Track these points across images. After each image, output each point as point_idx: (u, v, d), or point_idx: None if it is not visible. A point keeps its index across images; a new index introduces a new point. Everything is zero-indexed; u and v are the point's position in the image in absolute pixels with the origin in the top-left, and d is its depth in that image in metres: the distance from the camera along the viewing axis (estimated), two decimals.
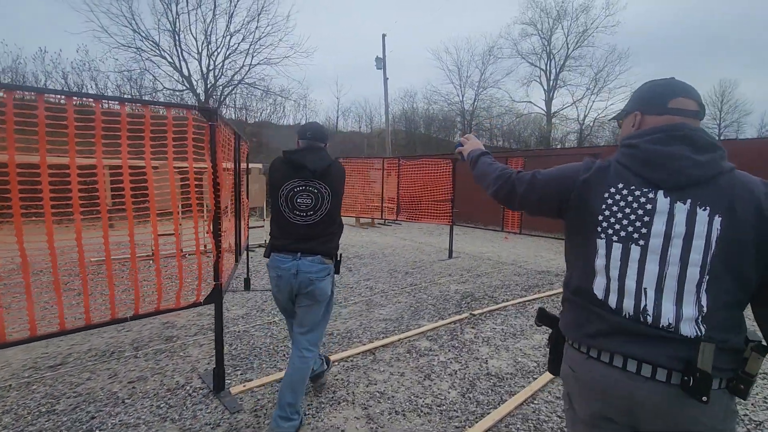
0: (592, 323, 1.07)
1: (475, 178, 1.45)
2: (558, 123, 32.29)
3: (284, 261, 2.22)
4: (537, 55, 29.59)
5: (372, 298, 4.86)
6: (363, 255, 7.55)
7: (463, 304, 4.69)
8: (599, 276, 1.07)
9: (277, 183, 2.26)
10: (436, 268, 6.62)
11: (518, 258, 7.64)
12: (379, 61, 23.19)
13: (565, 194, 1.14)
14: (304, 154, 2.24)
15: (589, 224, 1.09)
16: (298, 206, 2.23)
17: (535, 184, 1.22)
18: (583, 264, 1.12)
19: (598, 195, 1.08)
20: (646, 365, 0.98)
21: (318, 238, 2.25)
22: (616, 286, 1.04)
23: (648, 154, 1.04)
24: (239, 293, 4.91)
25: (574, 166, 1.17)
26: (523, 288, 5.48)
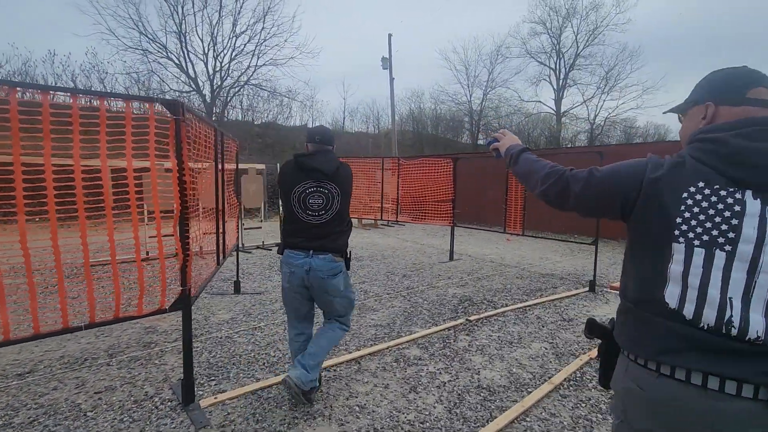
0: (662, 338, 0.97)
1: (517, 176, 1.35)
2: (568, 122, 31.80)
3: (297, 258, 2.35)
4: (546, 53, 29.17)
5: (365, 302, 4.68)
6: (362, 257, 7.36)
7: (459, 309, 4.48)
8: (672, 284, 0.96)
9: (290, 185, 2.38)
10: (436, 270, 6.41)
11: (522, 260, 7.39)
12: (385, 61, 23.01)
13: (630, 194, 1.03)
14: (315, 157, 2.37)
15: (663, 227, 0.98)
16: (310, 206, 2.35)
17: (593, 183, 1.10)
18: (650, 270, 1.01)
19: (674, 195, 0.96)
20: (730, 382, 0.89)
21: (328, 236, 2.38)
22: (695, 294, 0.93)
23: (736, 150, 0.92)
24: (228, 296, 4.76)
25: (638, 163, 1.05)
26: (524, 292, 5.24)
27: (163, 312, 2.34)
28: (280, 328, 3.83)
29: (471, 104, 31.45)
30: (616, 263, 7.30)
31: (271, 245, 8.19)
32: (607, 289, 5.51)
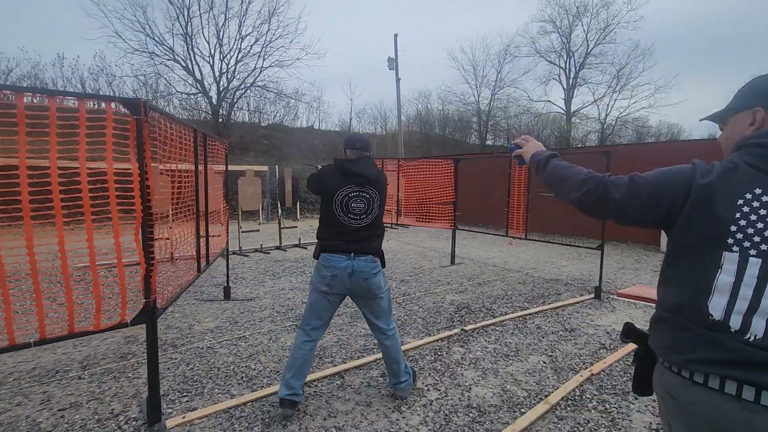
0: (699, 346, 0.95)
1: (547, 182, 1.30)
2: (578, 122, 31.30)
3: (339, 261, 2.40)
4: (556, 52, 28.72)
5: (359, 310, 4.48)
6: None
7: (456, 317, 4.27)
8: (718, 294, 0.94)
9: (332, 189, 2.43)
10: (436, 275, 6.20)
11: (527, 264, 7.14)
12: (391, 62, 22.85)
13: (677, 200, 1.00)
14: (358, 163, 2.45)
15: (715, 235, 0.94)
16: (352, 210, 2.43)
17: (636, 189, 1.05)
18: (694, 279, 0.98)
19: (728, 202, 0.93)
20: (766, 393, 0.87)
21: (368, 239, 2.47)
22: (745, 305, 0.90)
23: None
24: (217, 303, 4.62)
25: (684, 168, 1.02)
26: (526, 299, 5.01)
27: (124, 326, 2.18)
28: (266, 337, 3.66)
29: (479, 104, 31.10)
30: (624, 268, 7.01)
31: (270, 248, 8.05)
32: (614, 296, 5.25)
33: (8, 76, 17.22)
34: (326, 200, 2.45)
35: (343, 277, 2.40)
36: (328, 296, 2.48)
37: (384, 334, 2.59)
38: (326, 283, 2.44)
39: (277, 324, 4.00)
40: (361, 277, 2.42)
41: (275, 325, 3.98)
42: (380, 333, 2.59)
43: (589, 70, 28.49)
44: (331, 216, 2.45)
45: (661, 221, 1.04)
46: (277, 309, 4.45)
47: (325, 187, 2.46)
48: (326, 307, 2.51)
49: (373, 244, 2.50)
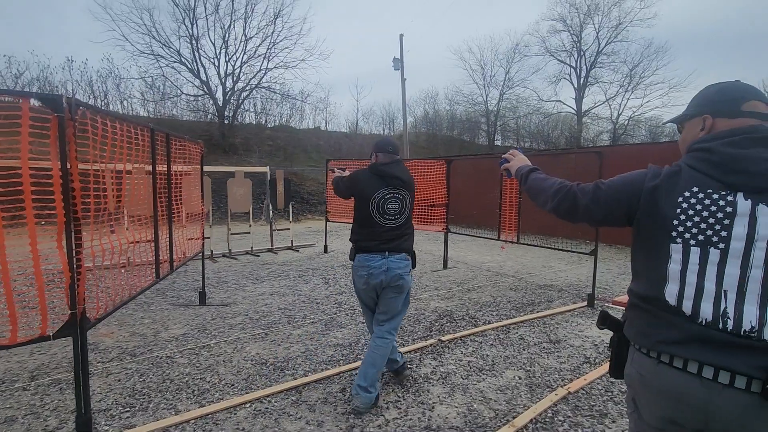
0: (665, 330, 1.06)
1: (528, 194, 1.44)
2: (589, 122, 30.70)
3: (374, 260, 2.53)
4: (567, 51, 28.19)
5: (335, 316, 4.31)
6: (348, 263, 6.99)
7: (436, 326, 4.06)
8: (671, 282, 1.06)
9: (369, 192, 2.55)
10: (425, 280, 5.99)
11: (522, 269, 6.88)
12: (396, 62, 22.68)
13: (632, 202, 1.13)
14: (392, 166, 2.59)
15: (662, 230, 1.08)
16: (387, 211, 2.56)
17: (599, 195, 1.20)
18: (652, 271, 1.10)
19: (670, 200, 1.06)
20: (723, 372, 0.97)
21: (401, 238, 2.60)
22: (692, 291, 1.03)
23: (725, 158, 1.03)
24: (192, 308, 4.48)
25: (638, 174, 1.16)
26: (514, 306, 4.77)
27: (46, 339, 2.03)
28: (231, 347, 3.50)
29: (487, 104, 30.69)
30: (626, 273, 6.70)
31: (262, 250, 7.92)
32: (609, 304, 4.98)
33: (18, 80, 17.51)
34: (362, 203, 2.58)
35: (378, 274, 2.52)
36: (369, 293, 2.64)
37: (381, 334, 2.64)
38: (364, 281, 2.58)
39: (247, 332, 3.84)
40: (396, 274, 2.54)
41: (244, 333, 3.82)
42: (380, 328, 2.65)
43: (601, 69, 27.93)
44: (367, 217, 2.56)
45: (622, 221, 1.17)
46: (251, 315, 4.29)
47: (361, 190, 2.59)
48: (373, 299, 2.69)
49: (406, 243, 2.62)
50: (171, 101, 21.52)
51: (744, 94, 1.08)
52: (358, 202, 2.61)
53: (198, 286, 5.31)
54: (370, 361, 2.55)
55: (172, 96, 20.73)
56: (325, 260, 7.29)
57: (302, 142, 24.91)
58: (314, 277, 6.03)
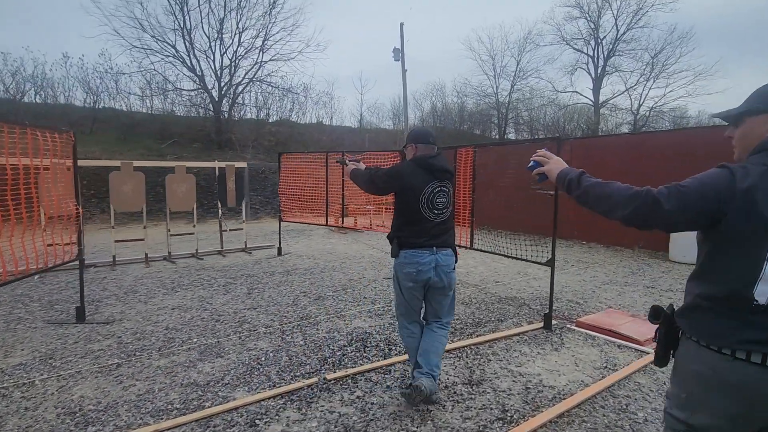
0: (747, 330, 1.07)
1: (584, 201, 1.32)
2: (608, 113, 29.04)
3: (423, 256, 2.44)
4: (584, 39, 26.59)
5: (223, 340, 3.57)
6: (297, 270, 6.25)
7: (336, 356, 3.27)
8: (763, 282, 1.05)
9: (419, 186, 2.44)
10: (368, 290, 5.19)
11: (492, 275, 5.99)
12: (396, 52, 21.75)
13: (722, 204, 1.08)
14: (438, 158, 2.50)
15: (760, 231, 1.05)
16: (437, 205, 2.46)
17: (684, 199, 1.12)
18: (740, 271, 1.09)
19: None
20: None
21: (447, 232, 2.53)
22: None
23: None
24: (63, 327, 3.82)
25: (722, 174, 1.11)
26: (456, 328, 3.92)
27: None
28: (59, 384, 2.80)
29: (497, 96, 29.39)
30: (611, 282, 5.71)
31: (210, 253, 7.27)
32: (572, 325, 4.05)
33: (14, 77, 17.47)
34: (411, 198, 2.45)
35: (428, 271, 2.44)
36: (415, 291, 2.54)
37: (441, 324, 2.63)
38: (412, 279, 2.48)
39: (100, 361, 3.14)
40: (444, 271, 2.48)
41: (95, 363, 3.12)
42: (437, 323, 2.63)
43: (620, 57, 26.28)
44: (416, 212, 2.45)
45: (706, 224, 1.13)
46: (124, 338, 3.59)
47: (410, 185, 2.45)
48: (418, 299, 2.59)
49: (451, 238, 2.56)
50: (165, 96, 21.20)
51: None
52: (405, 196, 2.48)
53: (97, 297, 4.67)
54: (433, 349, 2.52)
55: (166, 91, 20.38)
56: (271, 265, 6.57)
57: (303, 137, 24.32)
58: (241, 285, 5.31)
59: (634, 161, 8.08)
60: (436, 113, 30.73)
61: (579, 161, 9.21)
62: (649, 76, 26.03)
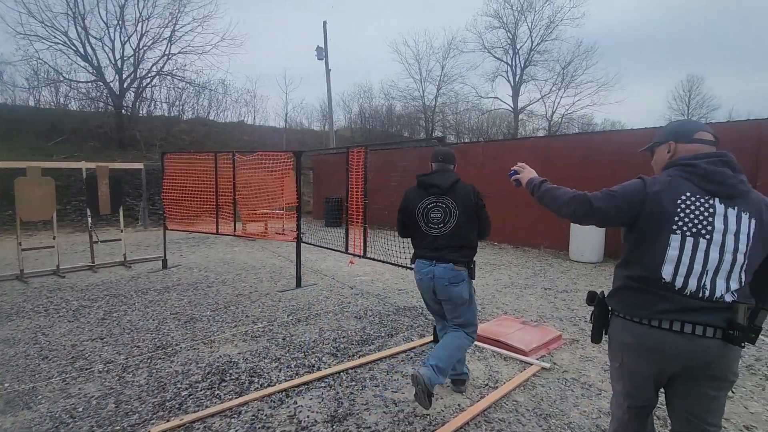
0: (659, 302, 1.39)
1: (541, 201, 1.72)
2: (525, 119, 30.79)
3: (423, 266, 2.63)
4: (503, 48, 27.90)
5: (40, 385, 2.84)
6: (179, 285, 5.50)
7: (177, 399, 2.70)
8: (669, 264, 1.38)
9: (414, 203, 2.68)
10: (254, 307, 4.62)
11: (396, 284, 5.70)
12: (320, 51, 21.19)
13: (639, 203, 1.44)
14: (433, 175, 2.70)
15: (665, 223, 1.39)
16: (431, 220, 2.62)
17: (611, 199, 1.50)
18: (652, 256, 1.41)
19: (672, 200, 1.39)
20: (699, 326, 1.33)
21: (448, 247, 2.58)
22: (684, 270, 1.36)
23: (708, 173, 1.40)
24: None
25: (638, 182, 1.49)
26: (341, 346, 3.52)
27: None
28: None
29: (424, 99, 29.90)
30: (513, 285, 5.69)
31: (80, 269, 6.22)
32: None
33: None
34: (410, 214, 2.69)
35: (427, 281, 2.61)
36: (426, 296, 2.76)
37: (456, 330, 2.66)
38: (418, 286, 2.73)
39: None
40: (441, 283, 2.55)
41: None
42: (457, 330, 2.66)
43: (535, 67, 27.94)
44: (416, 226, 2.67)
45: (628, 220, 1.48)
46: None
47: (409, 203, 2.71)
48: (433, 301, 2.72)
49: (453, 253, 2.57)
50: (57, 88, 18.68)
51: (696, 126, 1.53)
52: (407, 213, 2.72)
53: None
54: (443, 344, 2.59)
55: (56, 82, 17.93)
56: (150, 281, 5.74)
57: (222, 136, 22.78)
58: (98, 309, 4.48)
59: (538, 161, 8.31)
60: (364, 115, 30.52)
61: (490, 162, 9.36)
62: (560, 85, 27.98)
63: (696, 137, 1.49)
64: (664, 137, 1.55)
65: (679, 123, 1.59)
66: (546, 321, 4.27)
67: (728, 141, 6.31)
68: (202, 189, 6.02)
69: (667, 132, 1.56)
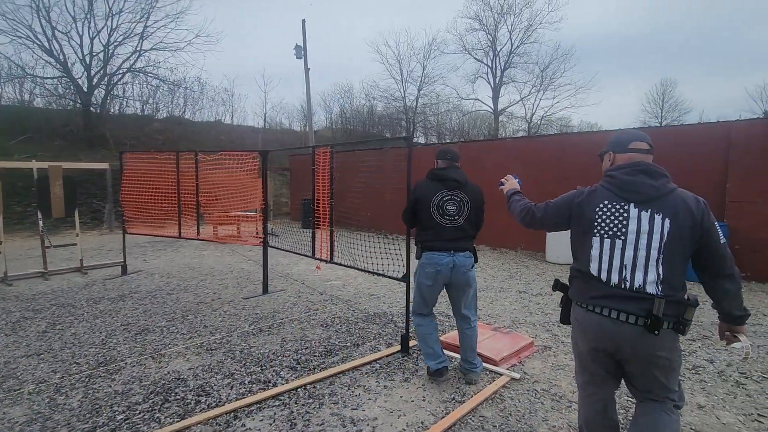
0: (592, 290, 1.67)
1: (509, 211, 2.14)
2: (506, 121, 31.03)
3: (442, 257, 2.78)
4: (483, 50, 28.03)
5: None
6: (136, 293, 5.17)
7: (112, 424, 2.44)
8: (593, 261, 1.66)
9: (429, 196, 2.82)
10: (213, 317, 4.36)
11: (368, 289, 5.50)
12: (299, 50, 20.80)
13: (568, 211, 1.80)
14: (449, 170, 2.87)
15: (588, 228, 1.69)
16: (447, 212, 2.81)
17: (548, 210, 1.89)
18: (583, 254, 1.71)
19: (592, 209, 1.68)
20: (623, 314, 1.58)
21: (464, 237, 2.84)
22: (606, 266, 1.63)
23: (623, 181, 1.65)
24: None
25: (572, 194, 1.81)
26: (302, 358, 3.30)
27: None
28: None
29: (405, 100, 29.81)
30: (488, 288, 5.57)
31: (30, 276, 5.81)
32: None
33: None
34: (424, 206, 2.82)
35: (446, 271, 2.78)
36: (434, 288, 2.87)
37: (467, 323, 2.95)
38: (431, 277, 2.82)
39: None
40: (462, 271, 2.80)
41: None
42: (464, 321, 2.96)
43: (515, 69, 28.17)
44: (430, 219, 2.81)
45: (565, 225, 1.85)
46: None
47: (423, 196, 2.83)
48: (433, 296, 2.93)
49: (469, 242, 2.87)
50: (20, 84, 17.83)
51: (632, 137, 1.73)
52: (419, 205, 2.84)
53: None
54: (466, 347, 2.94)
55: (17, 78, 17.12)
56: (106, 288, 5.39)
57: (198, 135, 22.21)
58: (40, 321, 4.15)
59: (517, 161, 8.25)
60: (345, 116, 30.25)
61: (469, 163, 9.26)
62: (539, 87, 28.29)
63: (630, 147, 1.71)
64: (607, 147, 1.80)
65: (618, 134, 1.78)
66: (519, 327, 4.14)
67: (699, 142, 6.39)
68: (164, 190, 5.70)
69: (610, 142, 1.79)
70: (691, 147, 6.23)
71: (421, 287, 2.90)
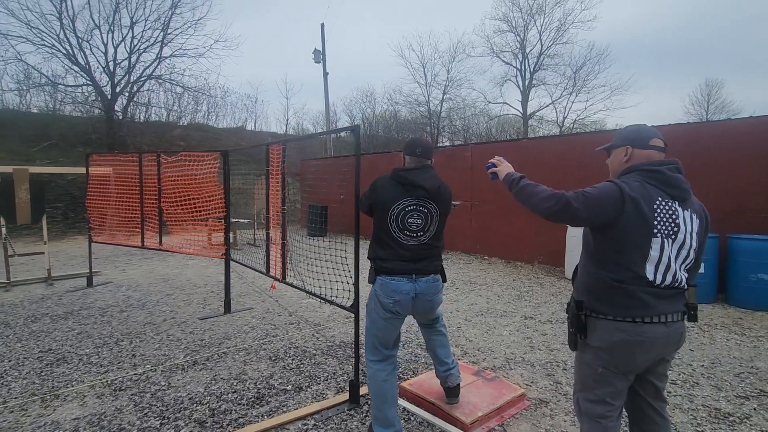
0: (644, 302, 1.49)
1: (519, 197, 1.69)
2: (536, 125, 29.67)
3: (400, 284, 2.16)
4: (512, 53, 26.90)
5: None
6: (87, 309, 4.65)
7: None
8: (650, 263, 1.48)
9: (388, 202, 2.18)
10: (150, 344, 3.73)
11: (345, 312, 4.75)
12: (317, 54, 20.55)
13: (618, 207, 1.48)
14: (417, 172, 2.19)
15: (645, 227, 1.48)
16: (408, 226, 2.18)
17: (588, 200, 1.51)
18: (633, 258, 1.49)
19: (649, 206, 1.48)
20: (672, 314, 1.51)
21: (429, 257, 2.24)
22: (664, 268, 1.49)
23: (670, 179, 1.53)
24: None
25: (613, 186, 1.51)
26: (221, 409, 2.60)
27: None
28: None
29: (429, 105, 29.04)
30: (489, 310, 4.69)
31: None
32: None
33: None
34: (380, 215, 2.20)
35: (406, 302, 2.17)
36: (394, 322, 2.24)
37: (434, 329, 2.55)
38: (389, 309, 2.18)
39: None
40: (426, 299, 2.23)
41: None
42: (430, 328, 2.54)
43: (546, 71, 26.84)
44: (386, 233, 2.19)
45: (601, 222, 1.52)
46: None
47: (379, 199, 2.19)
48: (392, 332, 2.26)
49: (434, 262, 2.27)
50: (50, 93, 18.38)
51: (651, 133, 1.61)
52: (376, 213, 2.22)
53: None
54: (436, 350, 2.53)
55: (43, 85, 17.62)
56: (61, 302, 4.91)
57: (220, 141, 22.24)
58: None
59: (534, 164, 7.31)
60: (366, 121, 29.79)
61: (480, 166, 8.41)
62: (572, 90, 26.83)
63: (651, 144, 1.59)
64: (622, 141, 1.64)
65: (636, 129, 1.65)
66: (513, 368, 3.27)
67: (756, 139, 5.29)
68: (128, 195, 5.20)
69: (624, 136, 1.65)
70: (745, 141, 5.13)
71: (376, 323, 2.23)
